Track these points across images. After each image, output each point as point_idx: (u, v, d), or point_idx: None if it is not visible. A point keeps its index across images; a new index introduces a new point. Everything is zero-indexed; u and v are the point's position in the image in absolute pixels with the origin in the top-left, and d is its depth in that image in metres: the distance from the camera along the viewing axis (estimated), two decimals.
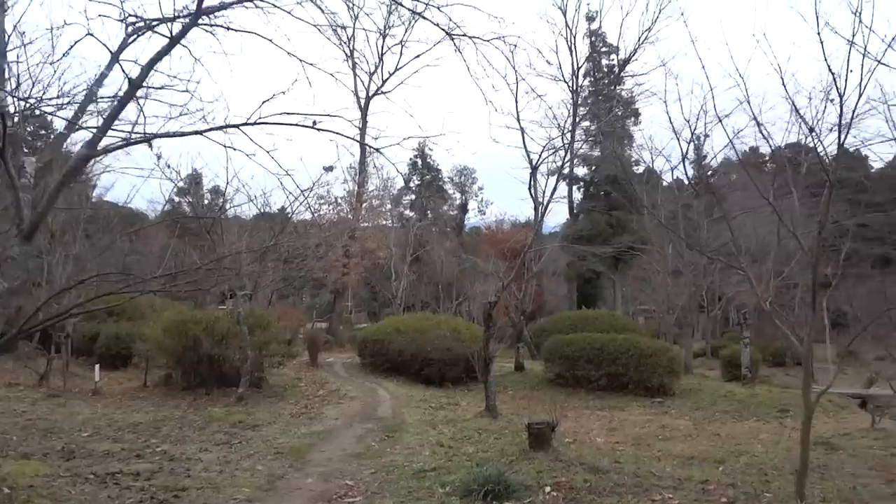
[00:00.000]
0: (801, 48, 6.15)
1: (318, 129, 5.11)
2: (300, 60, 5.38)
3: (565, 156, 19.93)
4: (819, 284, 5.78)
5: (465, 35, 5.73)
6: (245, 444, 10.10)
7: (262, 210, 20.59)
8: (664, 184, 31.26)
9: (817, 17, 5.73)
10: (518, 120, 19.86)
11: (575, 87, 27.42)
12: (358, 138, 14.58)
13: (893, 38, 5.67)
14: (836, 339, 29.64)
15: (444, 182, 59.30)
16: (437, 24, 5.78)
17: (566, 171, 36.02)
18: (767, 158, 34.43)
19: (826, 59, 5.65)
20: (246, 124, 5.02)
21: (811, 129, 5.78)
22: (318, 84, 6.18)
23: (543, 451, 8.48)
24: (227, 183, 13.51)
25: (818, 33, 5.72)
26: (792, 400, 17.45)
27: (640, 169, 37.69)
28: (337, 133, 5.40)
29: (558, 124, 29.27)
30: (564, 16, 27.74)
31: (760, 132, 6.98)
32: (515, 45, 6.17)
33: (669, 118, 7.72)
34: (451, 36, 5.78)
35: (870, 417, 14.23)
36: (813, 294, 5.79)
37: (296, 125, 5.09)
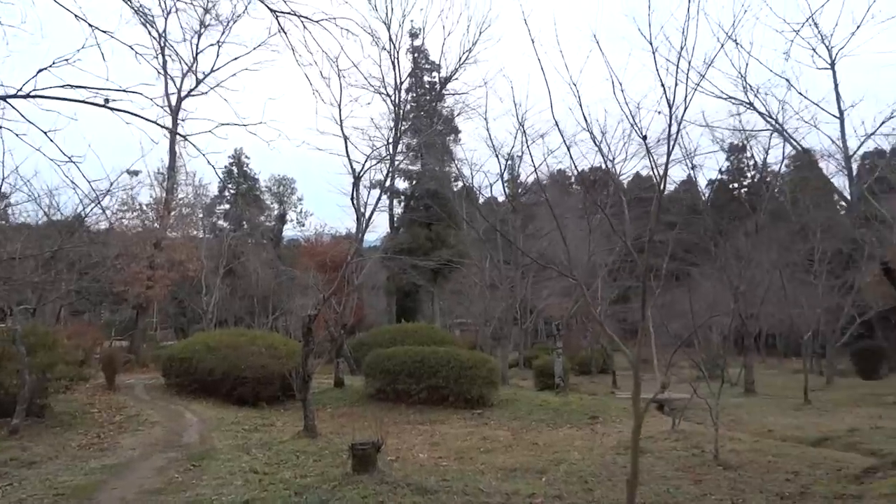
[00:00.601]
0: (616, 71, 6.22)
1: (112, 109, 4.28)
2: (90, 25, 4.48)
3: (388, 169, 19.72)
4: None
5: (292, 13, 5.16)
6: (17, 486, 8.59)
7: (47, 213, 18.21)
8: (482, 199, 32.17)
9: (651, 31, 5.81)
10: (341, 127, 19.35)
11: (397, 101, 27.43)
12: (161, 122, 13.20)
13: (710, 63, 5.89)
14: (631, 346, 32.03)
15: (261, 192, 57.22)
16: (263, 2, 5.15)
17: (388, 183, 35.91)
18: (574, 179, 36.59)
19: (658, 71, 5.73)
20: (15, 96, 4.08)
21: (644, 137, 5.84)
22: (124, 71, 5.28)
23: (368, 474, 7.97)
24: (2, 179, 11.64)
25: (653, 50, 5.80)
26: (601, 406, 18.36)
27: (460, 184, 38.59)
28: (135, 115, 4.57)
29: (383, 135, 29.14)
30: (388, 30, 27.76)
31: (572, 154, 7.03)
32: (348, 30, 5.66)
33: (489, 135, 7.62)
34: (276, 14, 5.18)
35: (670, 420, 15.19)
36: (643, 304, 5.81)
37: (83, 101, 4.23)
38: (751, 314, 26.72)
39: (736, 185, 60.33)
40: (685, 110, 5.99)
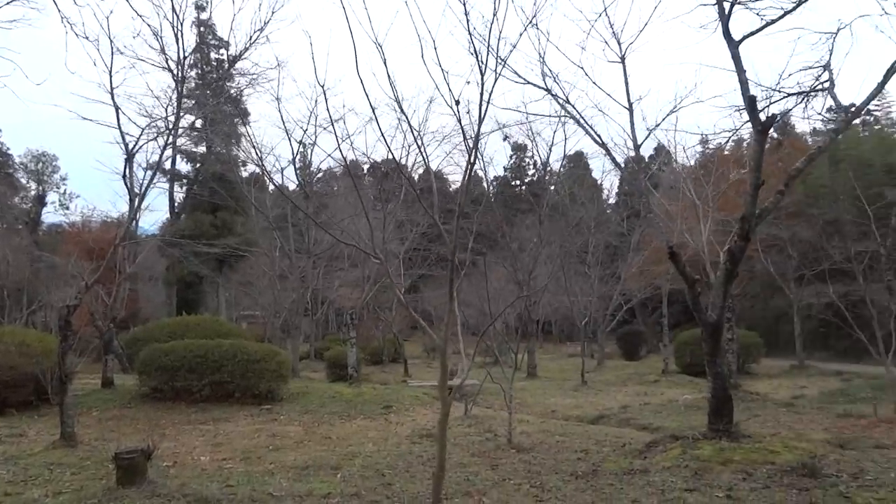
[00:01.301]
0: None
1: None
2: None
3: (166, 142, 17.84)
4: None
5: None
6: None
7: None
8: (272, 186, 30.71)
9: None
10: (112, 96, 17.13)
11: (180, 76, 25.15)
12: None
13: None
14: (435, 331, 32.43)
15: (14, 169, 50.30)
16: None
17: (167, 160, 33.07)
18: (368, 169, 36.26)
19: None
20: None
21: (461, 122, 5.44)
22: None
23: (136, 486, 6.85)
24: None
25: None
26: (394, 396, 18.13)
27: (249, 169, 36.61)
28: None
29: (163, 107, 26.57)
30: None
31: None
32: None
33: (282, 117, 6.86)
34: None
35: (462, 406, 15.31)
36: (450, 284, 5.42)
37: None
38: (534, 302, 28.12)
39: (518, 182, 63.88)
40: (492, 90, 5.74)
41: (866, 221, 19.32)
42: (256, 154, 25.26)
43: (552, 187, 36.36)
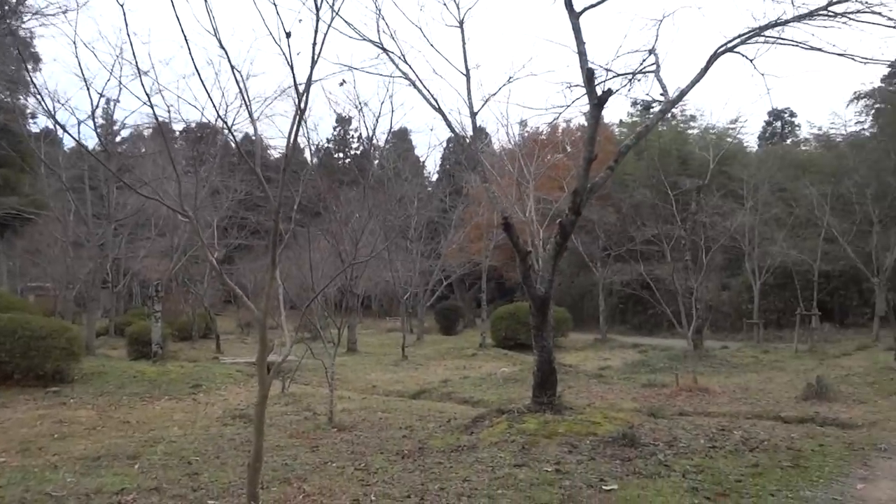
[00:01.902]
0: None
1: None
2: None
3: None
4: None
5: None
6: None
7: None
8: (68, 142, 27.39)
9: None
10: None
11: None
12: None
13: None
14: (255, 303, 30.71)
15: None
16: None
17: None
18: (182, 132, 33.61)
19: None
20: None
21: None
22: None
23: None
24: None
25: None
26: (204, 374, 16.86)
27: (41, 123, 32.48)
28: None
29: None
30: None
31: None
32: None
33: (80, 64, 5.71)
34: None
35: (279, 384, 14.48)
36: (272, 255, 4.73)
37: None
38: (356, 276, 27.56)
39: (342, 154, 62.67)
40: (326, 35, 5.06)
41: (668, 206, 20.89)
42: (47, 104, 22.17)
43: (377, 162, 35.88)
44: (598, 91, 8.20)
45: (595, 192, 8.91)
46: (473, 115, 9.62)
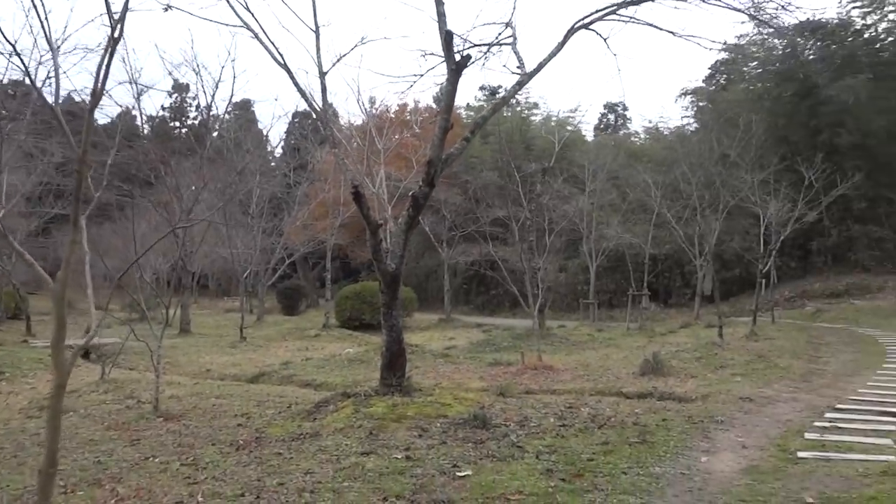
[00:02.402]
0: None
1: None
2: None
3: None
4: None
5: None
6: None
7: None
8: None
9: None
10: None
11: None
12: None
13: None
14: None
15: None
16: None
17: None
18: None
19: None
20: None
21: None
22: None
23: None
24: None
25: None
26: (9, 359, 15.11)
27: None
28: None
29: None
30: None
31: None
32: None
33: None
34: None
35: (99, 369, 13.04)
36: (74, 213, 3.86)
37: None
38: (189, 252, 25.74)
39: (178, 123, 58.68)
40: None
41: (515, 187, 21.14)
42: None
43: (216, 133, 33.73)
44: (457, 57, 7.78)
45: (450, 163, 8.53)
46: (322, 74, 8.87)
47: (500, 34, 9.48)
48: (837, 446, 6.55)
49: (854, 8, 33.15)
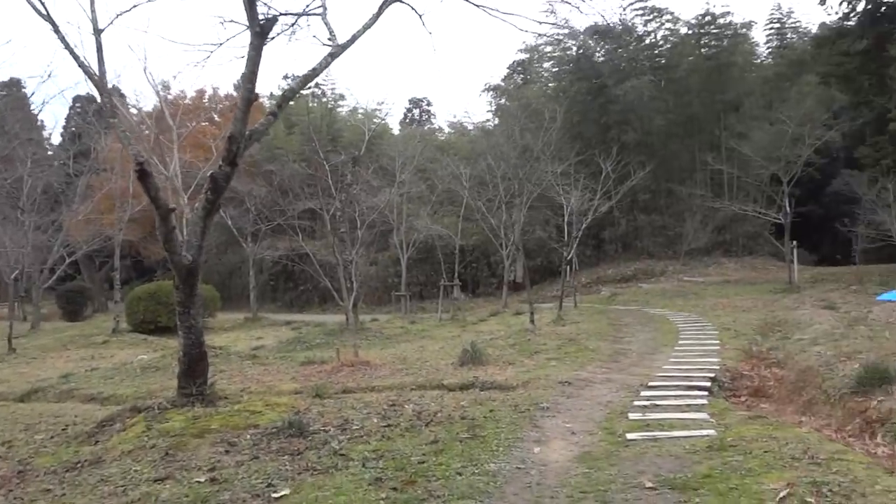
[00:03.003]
0: None
1: None
2: None
3: None
4: None
5: None
6: None
7: None
8: None
9: None
10: None
11: None
12: None
13: None
14: None
15: None
16: None
17: None
18: None
19: None
20: None
21: None
22: None
23: None
24: None
25: None
26: None
27: None
28: None
29: None
30: None
31: None
32: None
33: None
34: None
35: None
36: None
37: None
38: None
39: None
40: None
41: (324, 177, 20.25)
42: None
43: None
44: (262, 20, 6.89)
45: (255, 140, 7.60)
46: (98, 31, 7.49)
47: (308, 5, 8.70)
48: (661, 424, 6.60)
49: (637, 16, 36.00)
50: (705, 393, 8.14)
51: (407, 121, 56.76)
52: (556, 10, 42.72)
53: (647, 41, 36.66)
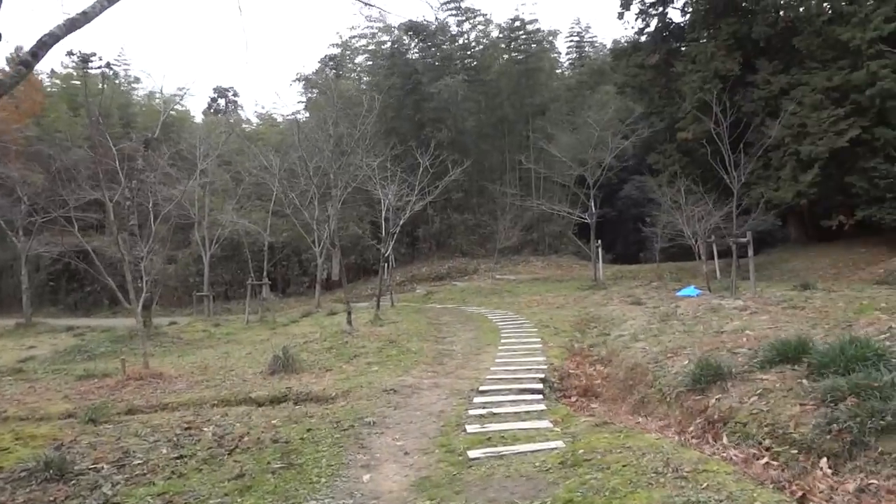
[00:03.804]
0: None
1: None
2: None
3: None
4: None
5: None
6: None
7: None
8: None
9: None
10: None
11: None
12: None
13: None
14: None
15: None
16: None
17: None
18: None
19: None
20: None
21: None
22: None
23: None
24: None
25: None
26: None
27: None
28: None
29: None
30: None
31: None
32: None
33: None
34: None
35: None
36: None
37: None
38: None
39: None
40: None
41: (111, 162, 17.80)
42: None
43: None
44: None
45: (4, 92, 5.88)
46: None
47: None
48: (503, 437, 5.93)
49: (450, 15, 36.20)
50: (540, 396, 7.67)
51: (212, 111, 53.42)
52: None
53: (461, 41, 37.05)
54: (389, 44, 37.29)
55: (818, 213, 27.18)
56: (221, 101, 55.25)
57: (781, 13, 26.61)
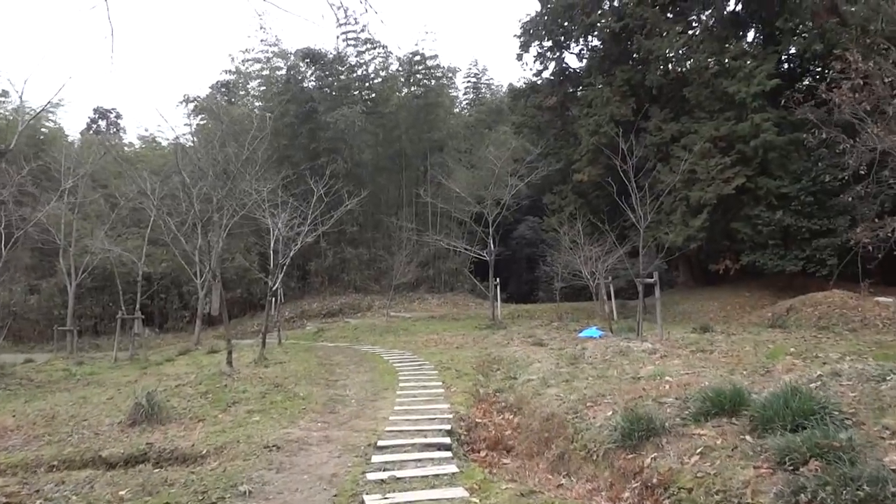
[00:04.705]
0: None
1: None
2: None
3: None
4: None
5: None
6: None
7: None
8: None
9: None
10: None
11: None
12: None
13: None
14: None
15: None
16: None
17: None
18: None
19: None
20: None
21: None
22: None
23: None
24: None
25: None
26: None
27: None
28: None
29: None
30: None
31: None
32: None
33: None
34: None
35: None
36: None
37: None
38: None
39: None
40: None
41: None
42: None
43: None
44: None
45: None
46: None
47: None
48: None
49: (349, 46, 35.39)
50: (448, 453, 6.69)
51: (91, 131, 49.92)
52: (265, 25, 40.76)
53: (360, 72, 36.25)
54: (285, 70, 36.00)
55: (704, 257, 27.98)
56: (102, 123, 51.85)
57: (671, 66, 27.53)
